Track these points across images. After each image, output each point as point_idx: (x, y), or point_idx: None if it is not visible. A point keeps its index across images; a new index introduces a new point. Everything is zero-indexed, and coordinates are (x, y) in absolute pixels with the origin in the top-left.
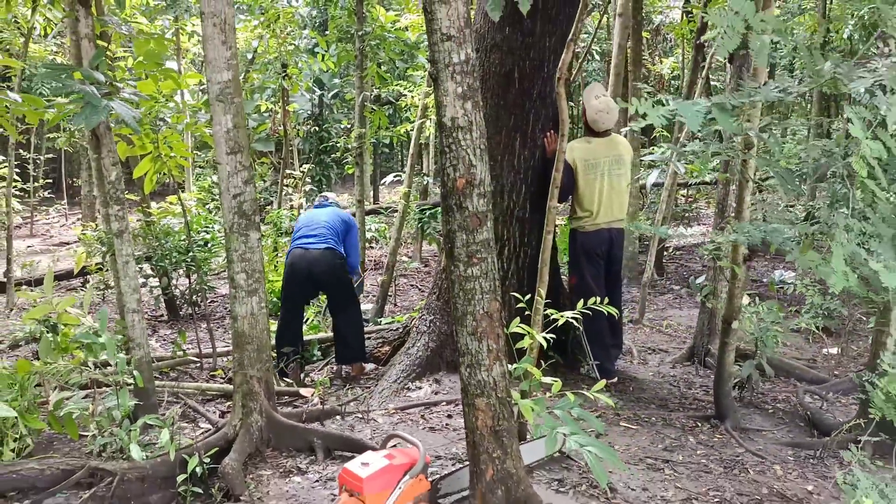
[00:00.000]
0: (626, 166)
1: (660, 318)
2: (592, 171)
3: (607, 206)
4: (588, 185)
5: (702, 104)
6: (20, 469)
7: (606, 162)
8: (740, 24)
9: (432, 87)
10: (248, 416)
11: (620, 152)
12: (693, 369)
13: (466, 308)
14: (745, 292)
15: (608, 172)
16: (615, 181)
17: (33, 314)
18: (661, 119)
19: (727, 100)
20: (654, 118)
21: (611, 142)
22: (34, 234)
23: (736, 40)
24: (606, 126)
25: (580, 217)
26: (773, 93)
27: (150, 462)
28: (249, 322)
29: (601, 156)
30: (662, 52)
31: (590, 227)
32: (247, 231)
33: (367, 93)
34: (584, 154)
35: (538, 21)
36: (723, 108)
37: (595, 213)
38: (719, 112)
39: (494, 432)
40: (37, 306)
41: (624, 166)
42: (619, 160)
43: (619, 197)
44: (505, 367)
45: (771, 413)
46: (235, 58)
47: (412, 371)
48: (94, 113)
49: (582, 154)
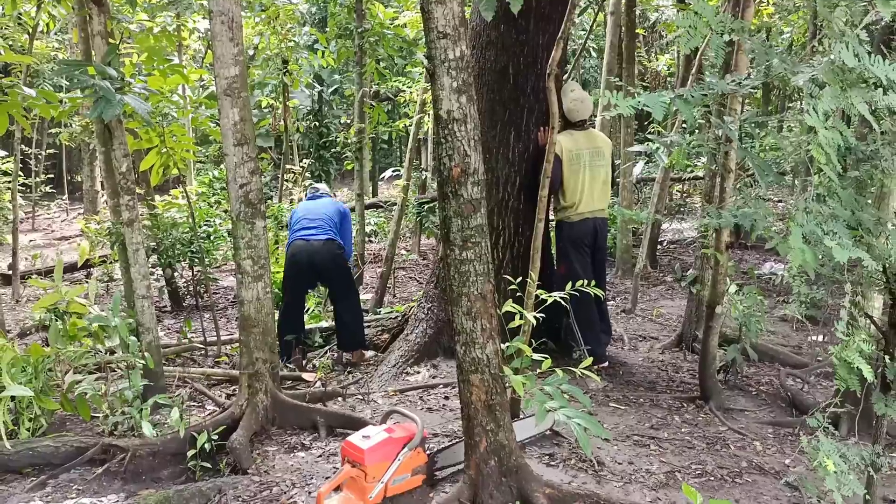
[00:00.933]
0: (605, 159)
1: (651, 308)
2: (576, 161)
3: (590, 197)
4: (572, 175)
5: (666, 97)
6: (36, 446)
7: (587, 153)
8: (703, 25)
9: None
10: (254, 395)
11: (599, 145)
12: (681, 355)
13: (461, 289)
14: (733, 283)
15: (589, 164)
16: (596, 172)
17: (43, 303)
18: (630, 109)
19: (687, 92)
20: (624, 108)
21: (590, 135)
22: (36, 228)
23: (698, 39)
24: (581, 115)
25: (565, 207)
26: (728, 86)
27: (161, 439)
28: (255, 306)
29: (583, 147)
30: (658, 48)
31: (575, 217)
32: (253, 219)
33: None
34: (568, 145)
35: (532, 19)
36: (685, 100)
37: (578, 203)
38: (682, 104)
39: (488, 406)
40: (46, 295)
41: (603, 158)
42: (598, 152)
43: (600, 188)
44: (498, 346)
45: (754, 395)
46: (242, 54)
47: (411, 356)
48: (109, 107)
49: (567, 145)
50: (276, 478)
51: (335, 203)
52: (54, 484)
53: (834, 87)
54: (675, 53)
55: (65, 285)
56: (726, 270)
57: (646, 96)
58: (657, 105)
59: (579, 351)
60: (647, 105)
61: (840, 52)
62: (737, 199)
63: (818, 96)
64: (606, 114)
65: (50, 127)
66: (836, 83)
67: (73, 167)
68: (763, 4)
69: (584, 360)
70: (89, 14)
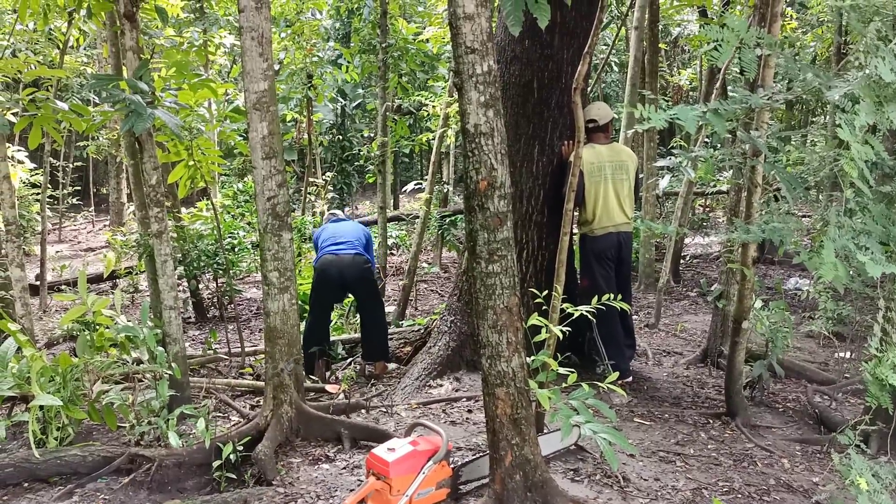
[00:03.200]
0: (628, 172)
1: (675, 323)
2: (598, 173)
3: (613, 210)
4: (594, 186)
5: (698, 109)
6: (64, 455)
7: (610, 167)
8: (733, 38)
9: (454, 96)
10: (279, 406)
11: (623, 159)
12: (706, 370)
13: (487, 303)
14: (758, 298)
15: (612, 177)
16: (619, 185)
17: (70, 315)
18: (662, 122)
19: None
20: (656, 121)
21: (613, 149)
22: (62, 239)
23: (728, 53)
24: (602, 117)
25: (588, 221)
26: (761, 100)
27: (187, 449)
28: (281, 318)
29: (605, 160)
30: (681, 63)
31: (598, 230)
32: (280, 232)
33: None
34: (589, 158)
35: (556, 34)
36: (717, 112)
37: (601, 216)
38: (714, 116)
39: (513, 420)
40: (72, 307)
41: (626, 172)
42: (621, 166)
43: (623, 201)
44: (523, 359)
45: (781, 412)
46: (272, 69)
47: (433, 369)
48: (140, 120)
49: (588, 158)
50: (300, 489)
51: (359, 225)
52: (81, 493)
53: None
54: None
55: (91, 296)
56: (753, 285)
57: (678, 109)
58: (690, 118)
59: (603, 365)
60: (680, 118)
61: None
62: (763, 213)
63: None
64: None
65: (77, 140)
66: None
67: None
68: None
69: (608, 374)
70: (121, 29)
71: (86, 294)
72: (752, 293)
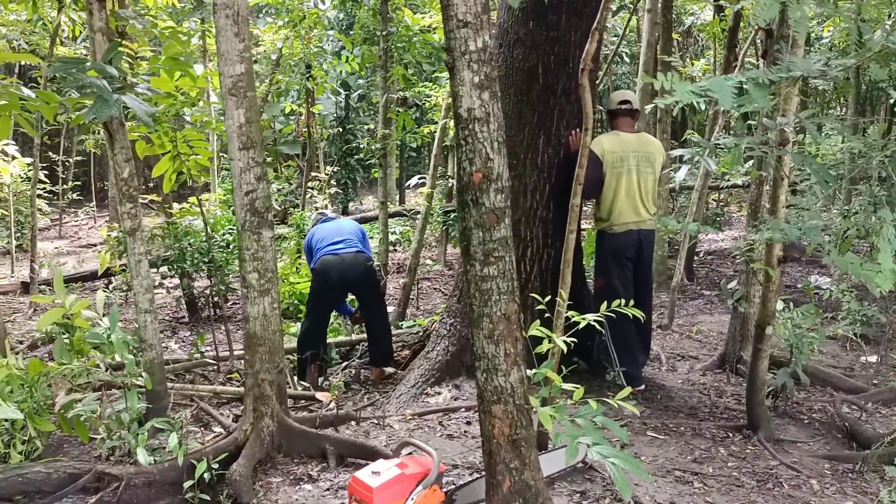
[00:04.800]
0: (654, 165)
1: (689, 324)
2: (620, 165)
3: (635, 205)
4: (615, 178)
5: (735, 79)
6: (26, 472)
7: (635, 158)
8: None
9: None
10: (259, 420)
11: (651, 150)
12: (724, 377)
13: (483, 310)
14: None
15: (637, 169)
16: (643, 179)
17: (47, 319)
18: (690, 95)
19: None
20: (683, 94)
21: (640, 139)
22: (62, 235)
23: (774, 9)
24: (635, 101)
25: (607, 216)
26: (814, 66)
27: (157, 467)
28: (262, 323)
29: (630, 150)
30: (693, 53)
31: (618, 227)
32: (259, 229)
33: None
34: (612, 146)
35: (563, 15)
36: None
37: (621, 212)
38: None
39: (512, 441)
40: (50, 311)
41: (653, 165)
42: (648, 158)
43: (647, 196)
44: (523, 373)
45: (806, 424)
46: (248, 50)
47: (431, 376)
48: (104, 107)
49: (610, 146)
50: None
51: (352, 222)
52: None
53: None
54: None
55: (70, 297)
56: (778, 287)
57: (711, 81)
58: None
59: (613, 372)
60: (713, 90)
61: None
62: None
63: None
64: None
65: (79, 133)
66: None
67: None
68: None
69: (618, 381)
70: (90, 10)
71: (63, 295)
72: (776, 296)
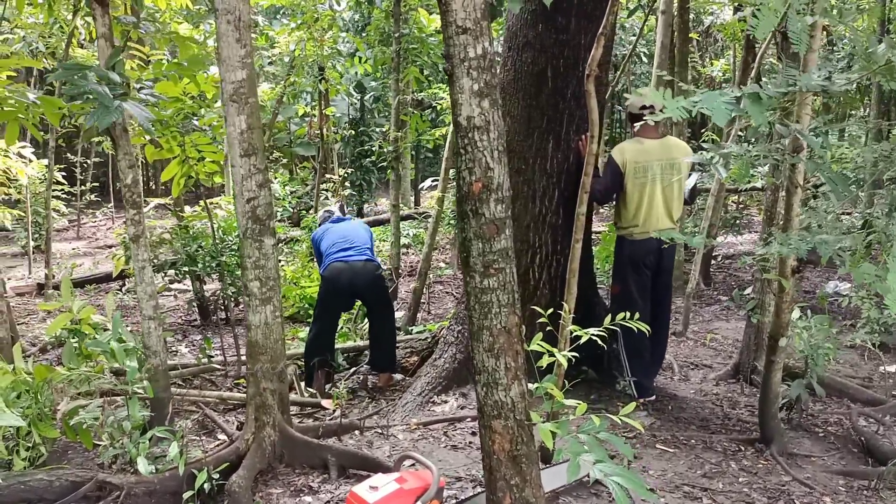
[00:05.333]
0: (680, 172)
1: (704, 331)
2: (643, 174)
3: (657, 214)
4: (637, 189)
5: (730, 95)
6: (29, 480)
7: (659, 166)
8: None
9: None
10: (261, 430)
11: (675, 156)
12: (738, 387)
13: (482, 322)
14: (796, 305)
15: (660, 177)
16: (667, 187)
17: (55, 325)
18: (682, 112)
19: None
20: (675, 111)
21: (665, 144)
22: (81, 236)
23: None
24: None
25: (627, 224)
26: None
27: (158, 476)
28: (263, 332)
29: (653, 159)
30: (713, 53)
31: (638, 234)
32: (261, 237)
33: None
34: (634, 156)
35: (573, 17)
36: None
37: (643, 221)
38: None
39: (512, 457)
40: (57, 317)
41: (678, 172)
42: (673, 165)
43: (670, 204)
44: (524, 387)
45: (821, 437)
46: (250, 56)
47: (438, 384)
48: (105, 114)
49: (633, 156)
50: None
51: (362, 224)
52: None
53: None
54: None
55: (77, 302)
56: (792, 298)
57: (704, 96)
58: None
59: (624, 382)
60: (707, 107)
61: None
62: (804, 217)
63: None
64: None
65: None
66: None
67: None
68: None
69: (629, 391)
70: (93, 14)
71: (70, 300)
72: (790, 307)
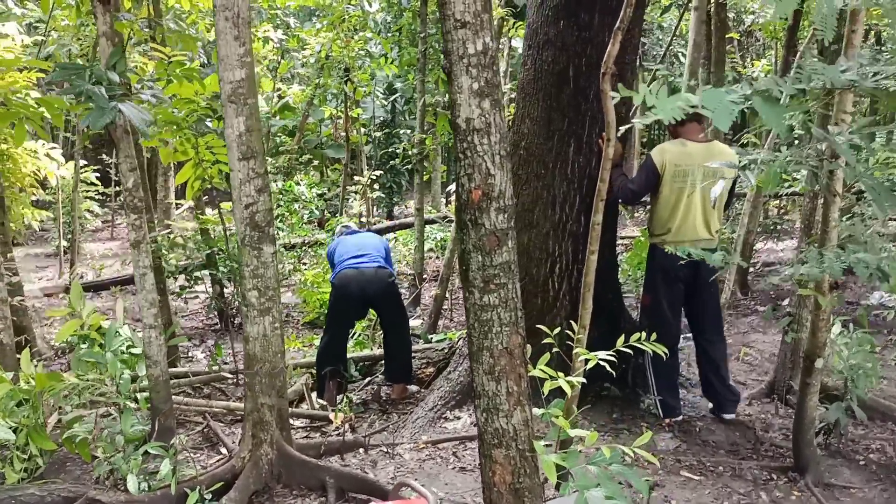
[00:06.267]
0: (724, 179)
1: (740, 345)
2: (682, 179)
3: (693, 223)
4: (674, 194)
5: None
6: (20, 494)
7: (701, 172)
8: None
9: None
10: (258, 447)
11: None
12: (772, 407)
13: (482, 342)
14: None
15: (700, 184)
16: (708, 195)
17: (63, 332)
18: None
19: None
20: (666, 111)
21: (710, 149)
22: (115, 237)
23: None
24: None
25: (660, 231)
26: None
27: (149, 495)
28: (262, 344)
29: (696, 164)
30: (755, 54)
31: (671, 244)
32: (260, 244)
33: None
34: (675, 158)
35: (596, 14)
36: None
37: (677, 229)
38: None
39: (514, 490)
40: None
41: (722, 179)
42: (716, 172)
43: (709, 214)
44: (528, 414)
45: (862, 465)
46: (249, 55)
47: (451, 398)
48: (100, 114)
49: (674, 158)
50: None
51: (376, 236)
52: None
53: None
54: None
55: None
56: (829, 316)
57: (705, 93)
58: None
59: (649, 400)
60: (706, 106)
61: None
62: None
63: None
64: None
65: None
66: None
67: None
68: None
69: (654, 410)
70: (94, 13)
71: (79, 306)
72: (827, 325)
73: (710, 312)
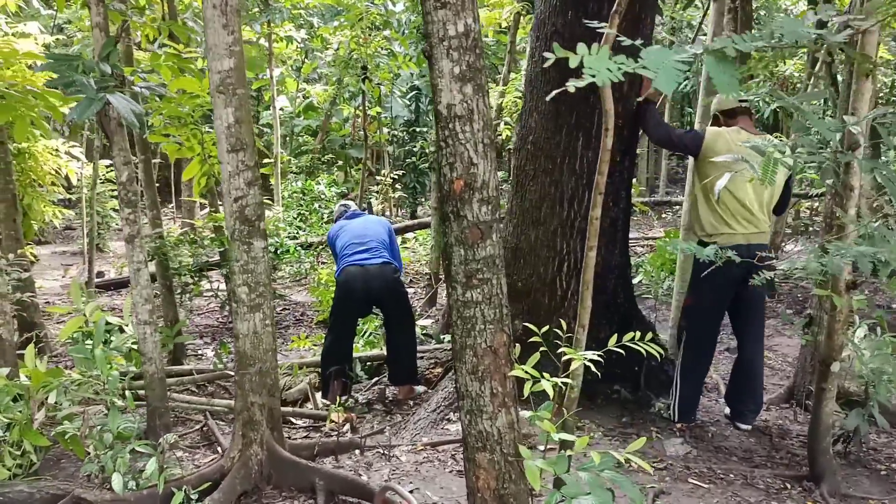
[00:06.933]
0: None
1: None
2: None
3: (748, 214)
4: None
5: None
6: (8, 491)
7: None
8: None
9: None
10: (248, 447)
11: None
12: (790, 413)
13: (465, 341)
14: (863, 322)
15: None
16: (759, 188)
17: (67, 329)
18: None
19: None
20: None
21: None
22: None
23: None
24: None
25: (714, 227)
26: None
27: (135, 494)
28: (252, 341)
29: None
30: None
31: (722, 240)
32: (250, 239)
33: None
34: (728, 145)
35: (605, 3)
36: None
37: (728, 222)
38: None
39: (499, 496)
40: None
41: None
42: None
43: (763, 207)
44: (514, 416)
45: (883, 476)
46: (239, 44)
47: (454, 399)
48: (87, 105)
49: (730, 138)
50: None
51: (380, 220)
52: None
53: None
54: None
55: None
56: (846, 318)
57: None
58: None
59: (661, 404)
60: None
61: None
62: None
63: None
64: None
65: None
66: None
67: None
68: None
69: (665, 413)
70: (87, 4)
71: (80, 304)
72: (844, 328)
73: (757, 317)
